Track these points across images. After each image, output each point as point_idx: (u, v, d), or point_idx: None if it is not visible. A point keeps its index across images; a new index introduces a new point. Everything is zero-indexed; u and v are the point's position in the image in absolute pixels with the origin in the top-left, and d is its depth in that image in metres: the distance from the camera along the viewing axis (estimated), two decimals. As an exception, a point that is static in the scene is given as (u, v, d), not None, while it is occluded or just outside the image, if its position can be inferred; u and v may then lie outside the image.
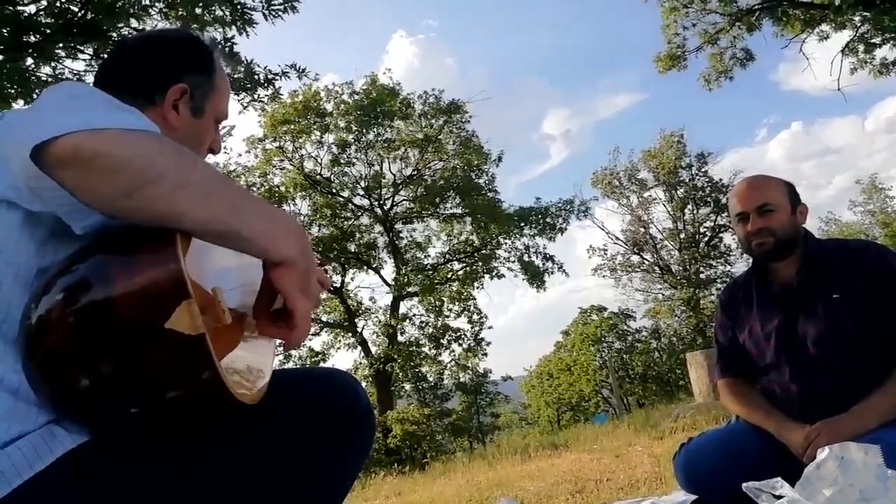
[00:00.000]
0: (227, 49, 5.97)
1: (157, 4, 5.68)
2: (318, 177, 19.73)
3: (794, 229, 1.80)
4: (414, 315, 21.11)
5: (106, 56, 1.10)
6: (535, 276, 19.99)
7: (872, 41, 13.08)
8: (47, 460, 0.75)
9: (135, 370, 0.72)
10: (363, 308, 21.05)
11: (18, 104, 5.35)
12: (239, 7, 5.80)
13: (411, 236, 21.36)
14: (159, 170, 0.73)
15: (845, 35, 13.27)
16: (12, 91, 5.32)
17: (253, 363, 0.89)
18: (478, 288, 20.73)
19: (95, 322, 0.72)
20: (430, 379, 22.10)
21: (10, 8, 5.30)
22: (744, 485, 1.35)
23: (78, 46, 5.80)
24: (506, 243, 20.43)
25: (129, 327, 0.71)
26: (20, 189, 0.79)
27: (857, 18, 12.61)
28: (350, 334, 20.37)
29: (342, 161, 19.86)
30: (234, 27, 5.89)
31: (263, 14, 5.95)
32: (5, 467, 0.73)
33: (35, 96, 5.55)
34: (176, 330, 0.70)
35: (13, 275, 0.80)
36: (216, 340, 0.74)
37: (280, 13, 6.00)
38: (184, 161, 0.77)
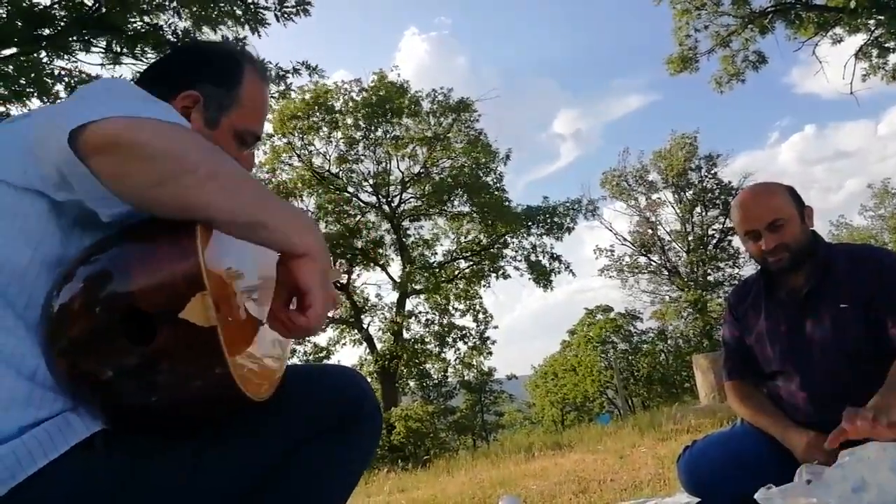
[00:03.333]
0: (238, 47, 5.99)
1: (171, 3, 5.70)
2: (326, 173, 19.77)
3: (807, 237, 1.76)
4: (420, 313, 21.15)
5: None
6: (542, 276, 19.96)
7: (886, 45, 12.96)
8: (61, 449, 0.77)
9: (149, 360, 0.74)
10: (369, 305, 21.12)
11: (33, 102, 5.38)
12: (252, 7, 5.83)
13: (418, 234, 21.41)
14: (191, 161, 0.75)
15: (859, 39, 13.17)
16: (29, 88, 5.36)
17: (265, 360, 0.90)
18: (484, 286, 20.74)
19: (114, 311, 0.74)
20: (435, 376, 22.13)
21: (26, 1, 5.34)
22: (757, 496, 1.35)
23: (91, 40, 5.84)
24: (513, 242, 20.42)
25: (146, 317, 0.72)
26: (46, 178, 0.80)
27: (871, 22, 12.50)
28: (356, 330, 20.41)
29: (350, 158, 19.89)
30: (246, 27, 5.92)
31: (276, 16, 5.98)
32: (21, 454, 0.75)
33: (50, 91, 5.58)
34: (189, 321, 0.71)
35: (40, 262, 0.82)
36: (230, 335, 0.75)
37: (292, 16, 6.04)
38: (214, 155, 0.79)
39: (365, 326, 20.48)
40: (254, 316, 0.89)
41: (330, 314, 0.87)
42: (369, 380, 18.60)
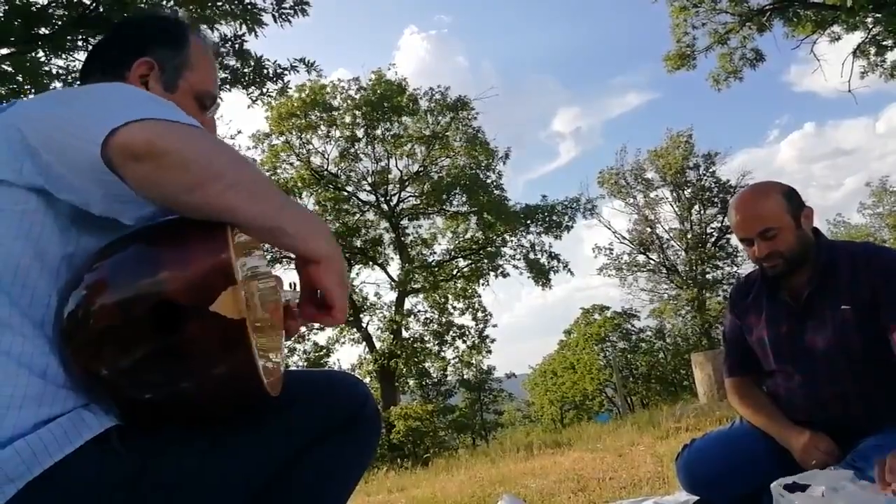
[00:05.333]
0: (236, 45, 5.99)
1: (168, 2, 5.69)
2: (324, 172, 19.75)
3: (802, 243, 1.72)
4: (418, 311, 21.17)
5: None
6: (541, 275, 19.95)
7: (884, 43, 12.98)
8: (76, 443, 0.77)
9: (177, 351, 0.75)
10: (368, 303, 21.10)
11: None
12: (249, 7, 5.81)
13: (417, 233, 21.40)
14: (219, 167, 0.77)
15: (857, 37, 13.18)
16: (27, 86, 5.35)
17: (273, 355, 0.92)
18: (483, 285, 20.75)
19: (145, 304, 0.75)
20: (434, 375, 22.13)
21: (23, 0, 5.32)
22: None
23: (89, 39, 5.83)
24: (511, 241, 20.42)
25: (177, 308, 0.74)
26: (49, 174, 0.80)
27: (869, 20, 12.51)
28: (355, 329, 20.41)
29: (349, 156, 19.88)
30: (244, 25, 5.91)
31: (273, 16, 5.97)
32: (37, 448, 0.76)
33: (48, 90, 5.57)
34: (220, 313, 0.73)
35: (40, 261, 0.82)
36: (252, 330, 0.76)
37: (290, 16, 6.03)
38: (236, 158, 0.80)
39: (364, 325, 20.49)
40: (266, 314, 0.91)
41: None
42: (368, 379, 18.70)
